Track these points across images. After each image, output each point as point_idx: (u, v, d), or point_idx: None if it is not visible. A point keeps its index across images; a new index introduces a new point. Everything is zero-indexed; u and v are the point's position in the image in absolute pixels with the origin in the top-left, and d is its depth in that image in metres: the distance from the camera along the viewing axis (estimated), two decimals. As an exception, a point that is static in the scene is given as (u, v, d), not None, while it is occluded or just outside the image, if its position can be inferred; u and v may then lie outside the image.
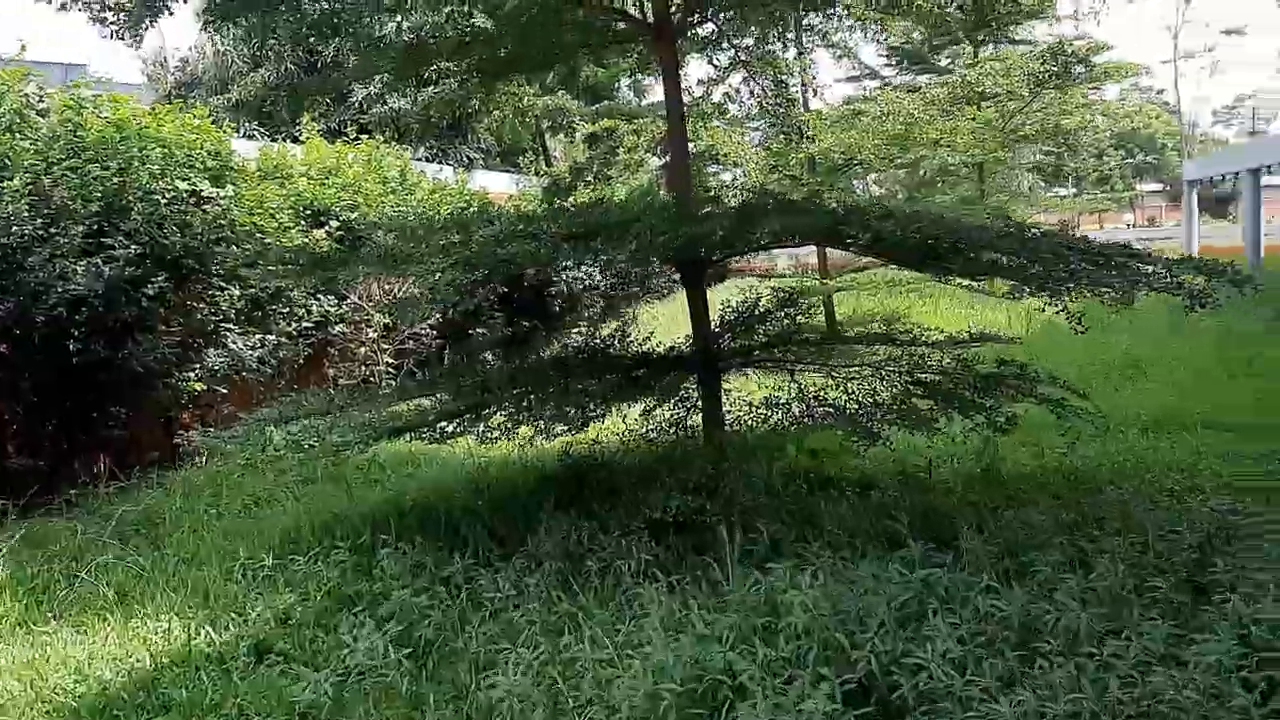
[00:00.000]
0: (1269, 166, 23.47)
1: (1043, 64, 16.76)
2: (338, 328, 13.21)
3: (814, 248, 14.78)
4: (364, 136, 15.89)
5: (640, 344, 8.04)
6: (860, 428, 6.52)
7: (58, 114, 9.10)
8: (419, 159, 21.41)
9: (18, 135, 8.54)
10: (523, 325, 18.10)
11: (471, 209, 15.16)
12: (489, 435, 6.69)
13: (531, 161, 30.80)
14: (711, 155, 13.61)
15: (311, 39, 7.42)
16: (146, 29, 6.84)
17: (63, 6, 6.38)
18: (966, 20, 19.80)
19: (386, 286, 13.23)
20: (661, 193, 15.25)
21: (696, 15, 7.59)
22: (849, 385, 7.35)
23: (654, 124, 14.59)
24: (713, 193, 9.59)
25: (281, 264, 6.96)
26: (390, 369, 13.66)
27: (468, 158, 23.49)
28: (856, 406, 6.99)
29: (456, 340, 15.10)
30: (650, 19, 7.37)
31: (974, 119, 17.07)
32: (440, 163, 22.35)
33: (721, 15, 7.96)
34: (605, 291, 7.00)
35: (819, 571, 4.99)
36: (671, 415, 8.05)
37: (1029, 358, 8.38)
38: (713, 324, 7.72)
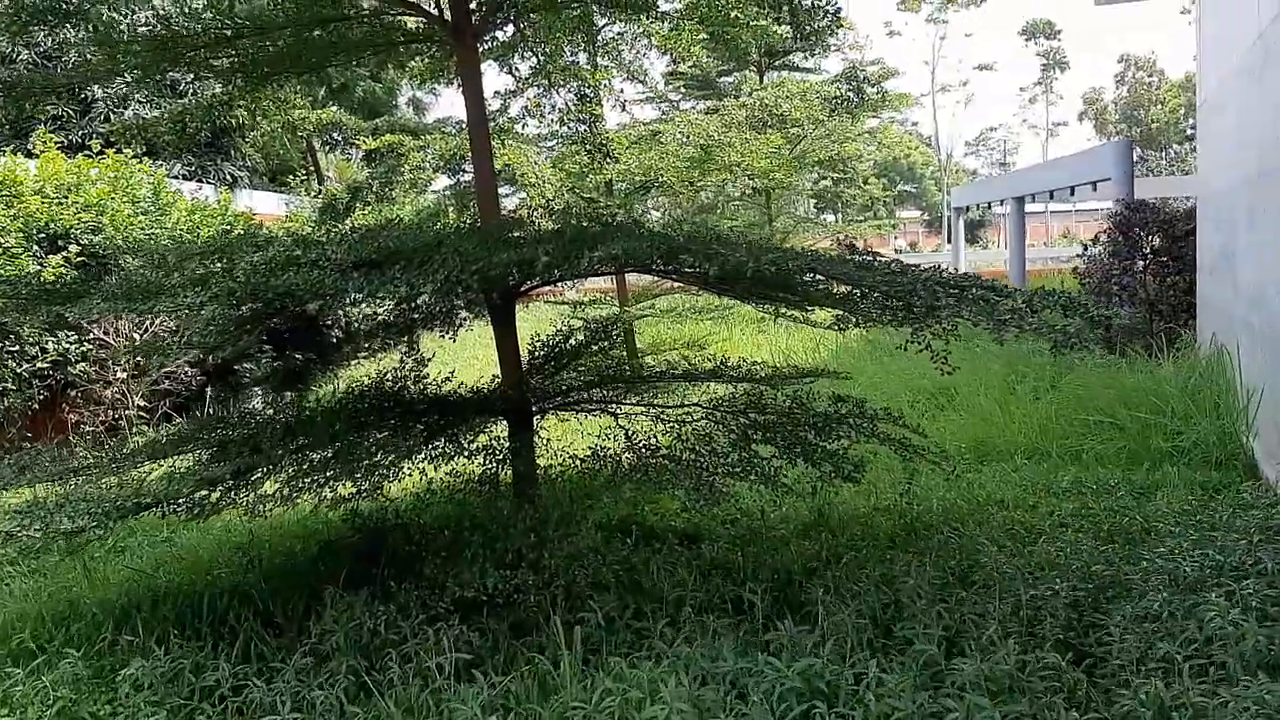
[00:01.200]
0: (1033, 195, 24.63)
1: (836, 87, 16.79)
2: (79, 367, 11.52)
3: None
4: (110, 151, 14.12)
5: (438, 385, 7.04)
6: (703, 485, 5.77)
7: None
8: (175, 177, 19.52)
9: None
10: (295, 359, 16.61)
11: (235, 231, 13.68)
12: (260, 506, 5.55)
13: (302, 181, 28.96)
14: (506, 175, 12.71)
15: (34, 26, 6.07)
16: None
17: None
18: (759, 46, 19.87)
19: (137, 320, 11.67)
20: (453, 214, 14.23)
21: (499, 15, 6.70)
22: (681, 429, 6.60)
23: (442, 140, 13.57)
24: (516, 214, 8.69)
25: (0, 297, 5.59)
26: (143, 413, 12.04)
27: (231, 176, 21.61)
28: (693, 455, 6.23)
29: (220, 377, 13.55)
30: (448, 16, 6.44)
31: (769, 143, 16.91)
32: (200, 181, 20.46)
33: (527, 18, 7.10)
34: (389, 322, 6.08)
35: (674, 669, 4.18)
36: (479, 468, 7.08)
37: (843, 389, 7.91)
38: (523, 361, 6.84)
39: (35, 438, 11.28)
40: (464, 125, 16.71)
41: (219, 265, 4.89)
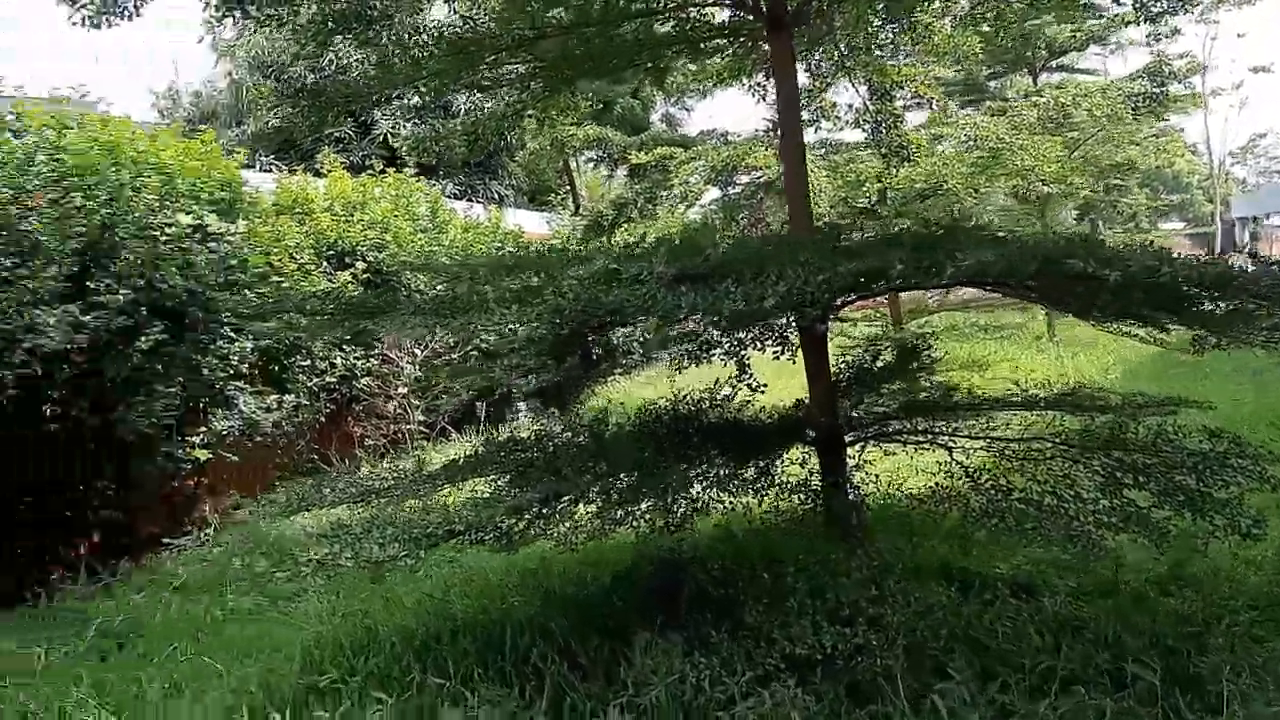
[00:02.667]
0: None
1: (1139, 84, 15.30)
2: (363, 381, 11.73)
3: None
4: (390, 170, 14.51)
5: (737, 409, 6.45)
6: (1077, 536, 4.91)
7: (34, 134, 7.63)
8: (447, 196, 20.02)
9: (-18, 159, 7.08)
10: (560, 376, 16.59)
11: (506, 248, 13.74)
12: (572, 537, 5.13)
13: (560, 200, 29.44)
14: (776, 187, 12.14)
15: (338, 33, 5.94)
16: (110, 23, 5.51)
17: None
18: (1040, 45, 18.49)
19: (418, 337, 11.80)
20: (718, 227, 13.73)
21: (817, 2, 6.08)
22: (1035, 468, 5.71)
23: (714, 151, 13.13)
24: (822, 223, 8.05)
25: (306, 312, 5.44)
26: (423, 428, 12.15)
27: (498, 195, 22.10)
28: (1055, 500, 5.36)
29: (489, 392, 13.58)
30: (763, 7, 5.87)
31: (1054, 146, 15.55)
32: (470, 200, 20.99)
33: (839, 5, 6.45)
34: (711, 341, 5.60)
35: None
36: (784, 501, 6.45)
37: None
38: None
39: (321, 450, 11.54)
40: (727, 137, 16.32)
41: (536, 280, 4.48)
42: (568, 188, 30.48)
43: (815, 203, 11.87)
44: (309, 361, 10.75)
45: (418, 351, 12.15)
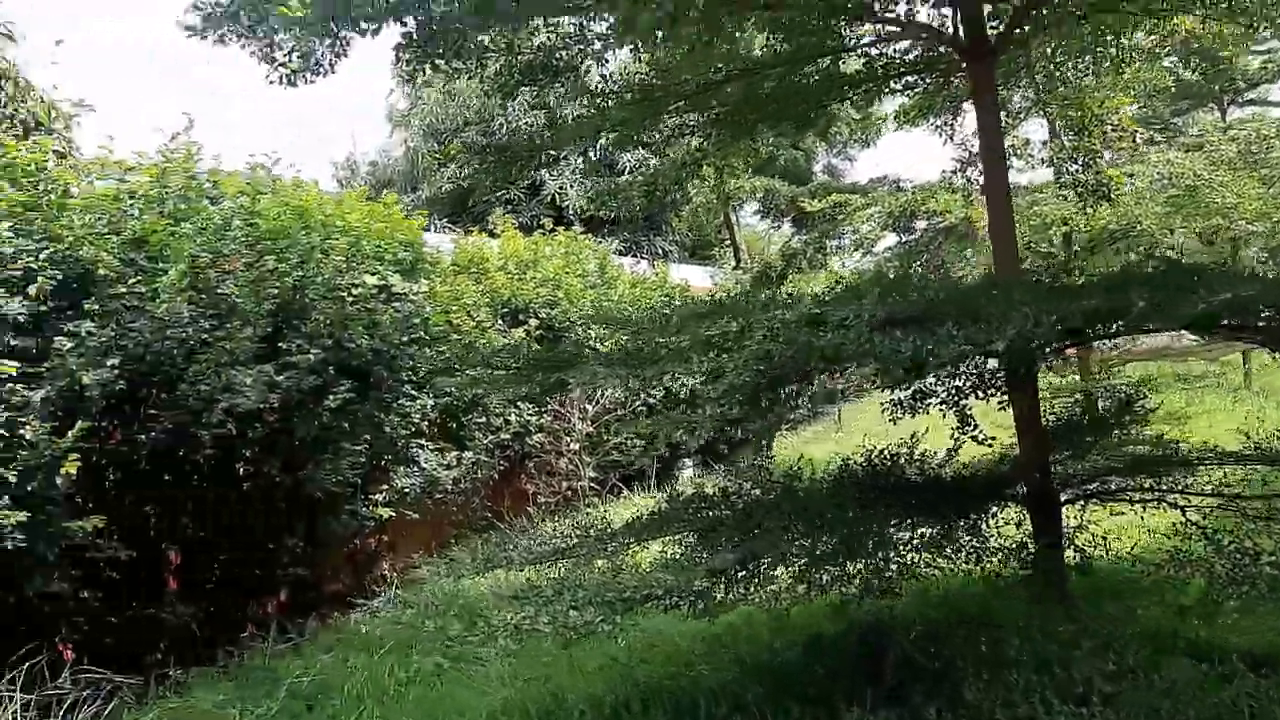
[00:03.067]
0: None
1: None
2: (535, 438, 11.72)
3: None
4: (560, 229, 14.69)
5: (938, 464, 6.04)
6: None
7: (230, 199, 7.90)
8: (613, 253, 20.17)
9: (183, 224, 7.33)
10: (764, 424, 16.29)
11: (674, 302, 13.65)
12: (773, 601, 4.82)
13: (719, 255, 29.36)
14: (957, 231, 11.66)
15: (524, 85, 5.92)
16: (307, 80, 5.64)
17: (220, 39, 5.14)
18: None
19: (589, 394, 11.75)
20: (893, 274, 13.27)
21: (1020, 30, 5.72)
22: (1271, 527, 5.12)
23: (891, 197, 12.75)
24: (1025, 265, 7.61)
25: (494, 366, 5.37)
26: (594, 484, 12.04)
27: (662, 250, 22.18)
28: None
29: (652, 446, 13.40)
30: (962, 36, 5.56)
31: (1252, 184, 14.51)
32: (633, 255, 21.12)
33: (1043, 32, 6.07)
34: (923, 391, 5.28)
35: None
36: (989, 560, 5.97)
37: None
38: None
39: (494, 506, 11.55)
40: (899, 184, 15.87)
41: (734, 325, 4.25)
42: (727, 242, 30.38)
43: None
44: (484, 419, 10.80)
45: (588, 407, 12.10)
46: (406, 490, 8.83)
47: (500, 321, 11.53)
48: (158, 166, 7.67)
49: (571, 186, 20.76)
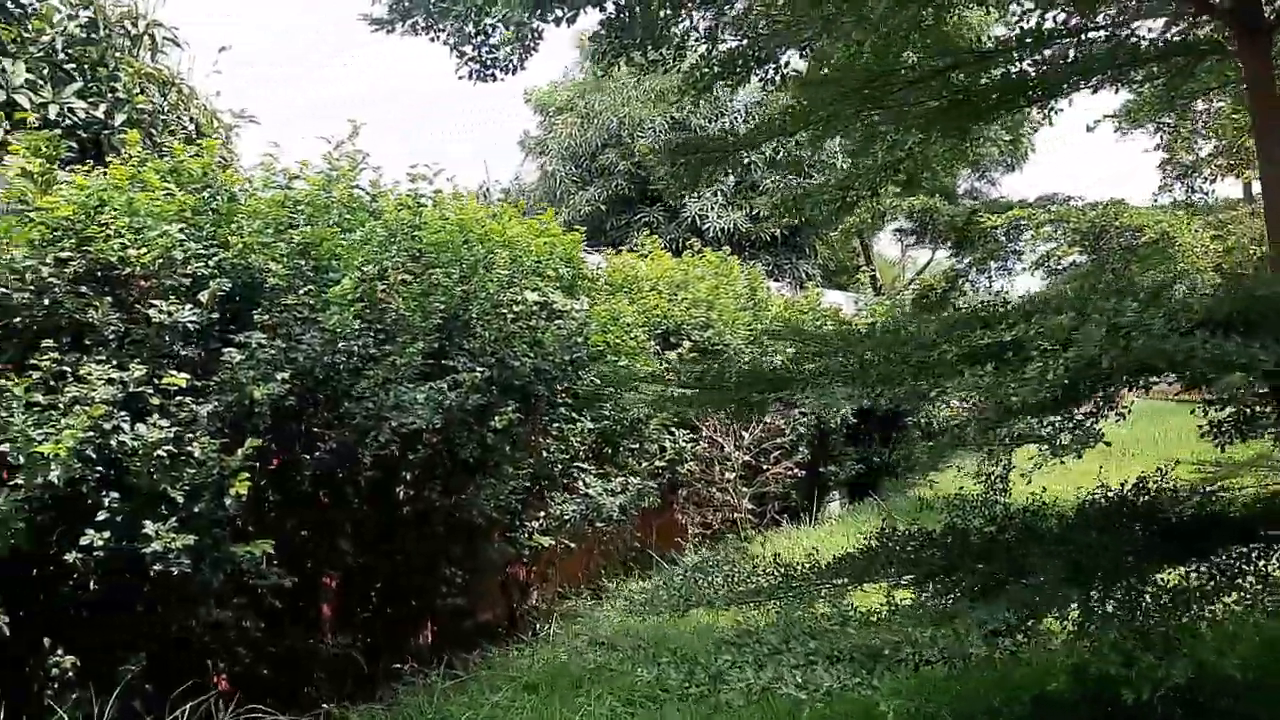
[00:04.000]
0: None
1: None
2: (688, 465, 11.14)
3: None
4: (707, 250, 14.16)
5: (1202, 498, 5.27)
6: None
7: (391, 212, 7.55)
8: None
9: (350, 234, 7.01)
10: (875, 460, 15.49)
11: (827, 325, 13.00)
12: (1046, 654, 4.14)
13: (854, 279, 28.69)
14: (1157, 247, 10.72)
15: (721, 79, 5.41)
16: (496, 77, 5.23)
17: (412, 29, 4.77)
18: None
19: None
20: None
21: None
22: None
23: (1078, 213, 11.87)
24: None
25: (687, 387, 4.83)
26: (751, 515, 11.42)
27: (806, 274, 21.51)
28: None
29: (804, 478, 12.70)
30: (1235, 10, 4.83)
31: None
32: (775, 279, 20.49)
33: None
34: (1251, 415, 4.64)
35: None
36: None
37: None
38: None
39: (643, 538, 11.00)
40: (1070, 201, 14.92)
41: (1012, 335, 3.62)
42: (862, 268, 29.56)
43: (1195, 265, 10.42)
44: (639, 444, 10.27)
45: (745, 435, 11.49)
46: (567, 517, 8.32)
47: (653, 343, 11.02)
48: (323, 175, 7.38)
49: (712, 210, 20.28)
